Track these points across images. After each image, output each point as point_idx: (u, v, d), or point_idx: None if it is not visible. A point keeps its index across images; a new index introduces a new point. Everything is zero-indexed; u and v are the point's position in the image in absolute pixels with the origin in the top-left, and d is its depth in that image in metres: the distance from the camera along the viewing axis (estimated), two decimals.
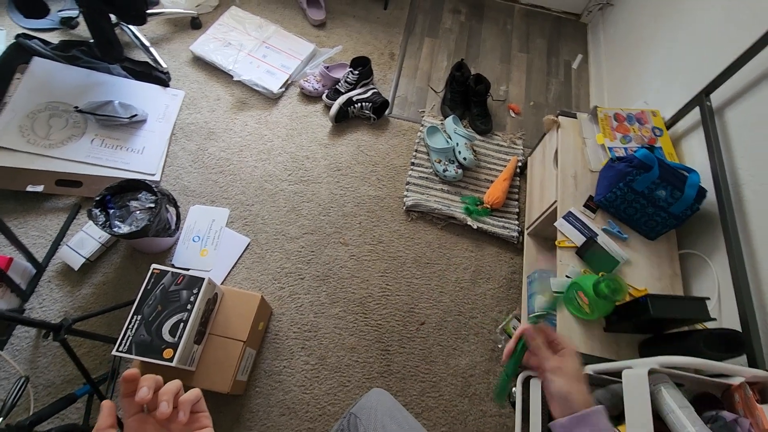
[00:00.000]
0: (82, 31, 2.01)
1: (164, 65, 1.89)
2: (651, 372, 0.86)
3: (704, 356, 0.94)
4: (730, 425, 0.80)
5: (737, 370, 0.86)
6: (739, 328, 1.00)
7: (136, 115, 1.68)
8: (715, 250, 1.22)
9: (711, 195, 1.21)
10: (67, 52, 1.75)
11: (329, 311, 1.55)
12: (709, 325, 1.07)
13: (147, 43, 1.91)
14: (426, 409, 1.45)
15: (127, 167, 1.62)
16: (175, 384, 0.43)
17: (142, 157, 1.66)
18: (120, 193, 1.40)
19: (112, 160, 1.61)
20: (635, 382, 0.88)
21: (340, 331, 1.53)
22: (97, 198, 1.33)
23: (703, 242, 1.27)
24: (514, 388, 1.43)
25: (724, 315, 1.13)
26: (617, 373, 0.96)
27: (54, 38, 1.88)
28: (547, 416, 1.35)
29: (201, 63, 2.00)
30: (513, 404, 1.43)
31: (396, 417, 0.82)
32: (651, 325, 1.09)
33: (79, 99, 1.65)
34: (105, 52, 1.76)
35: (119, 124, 1.66)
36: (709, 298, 1.06)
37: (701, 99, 1.31)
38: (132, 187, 1.40)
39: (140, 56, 1.92)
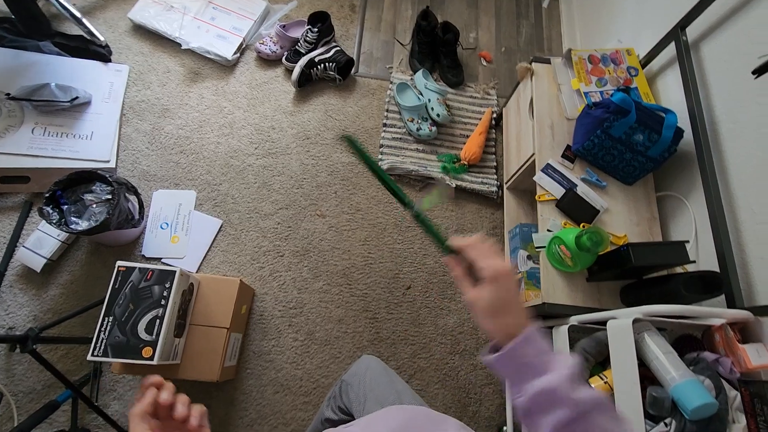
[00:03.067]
0: (1, 5, 1.78)
1: (101, 38, 1.70)
2: (635, 321, 0.87)
3: (684, 299, 0.96)
4: (712, 365, 0.83)
5: (717, 313, 0.87)
6: (717, 269, 1.02)
7: (77, 98, 1.53)
8: (693, 190, 1.22)
9: (688, 134, 1.19)
10: None
11: (313, 286, 1.53)
12: (689, 266, 1.08)
13: (78, 14, 1.70)
14: (418, 370, 1.48)
15: (77, 156, 1.49)
16: (186, 396, 0.49)
17: (91, 144, 1.53)
18: (72, 186, 1.29)
19: (58, 150, 1.48)
20: (620, 332, 0.89)
21: (326, 304, 1.51)
22: (47, 194, 1.23)
23: (680, 183, 1.27)
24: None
25: (702, 256, 1.15)
26: (602, 322, 0.98)
27: None
28: None
29: (143, 32, 1.81)
30: None
31: (383, 380, 0.83)
32: (632, 272, 1.10)
33: (10, 84, 1.48)
34: (30, 28, 1.57)
35: (60, 108, 1.51)
36: (687, 241, 1.07)
37: (677, 33, 1.26)
38: (84, 178, 1.30)
39: (72, 29, 1.72)
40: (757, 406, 0.79)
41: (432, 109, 1.77)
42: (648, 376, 0.88)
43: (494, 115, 1.86)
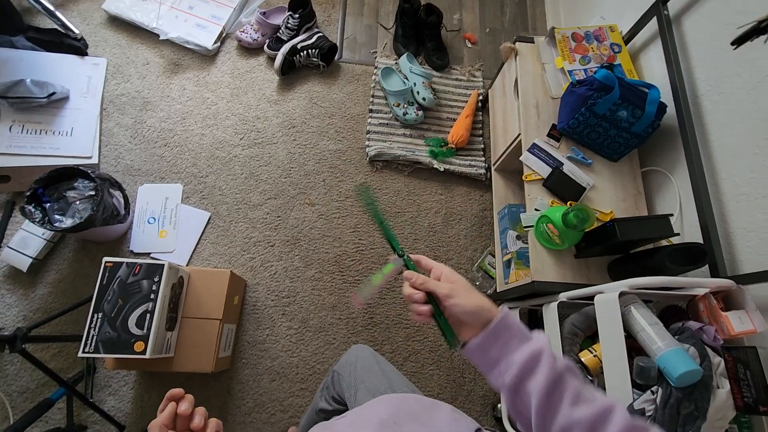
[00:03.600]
0: None
1: (76, 31, 1.66)
2: (621, 294, 0.88)
3: (669, 271, 0.97)
4: (696, 334, 0.84)
5: (700, 282, 0.89)
6: (700, 240, 1.04)
7: (54, 93, 1.49)
8: (677, 165, 1.23)
9: (671, 109, 1.20)
10: None
11: (305, 274, 1.53)
12: (674, 239, 1.10)
13: (50, 7, 1.64)
14: (413, 353, 1.50)
15: (58, 153, 1.47)
16: (204, 409, 0.52)
17: (72, 140, 1.50)
18: (53, 183, 1.27)
19: (38, 147, 1.45)
20: (607, 306, 0.90)
21: (319, 291, 1.52)
22: (28, 193, 1.21)
23: (665, 158, 1.28)
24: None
25: (686, 228, 1.17)
26: (590, 297, 0.99)
27: None
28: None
29: (119, 23, 1.77)
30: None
31: (374, 369, 0.84)
32: (619, 247, 1.11)
33: None
34: (1, 23, 1.52)
35: (37, 105, 1.48)
36: (672, 215, 1.09)
37: (658, 8, 1.26)
38: (65, 175, 1.27)
39: (46, 23, 1.67)
40: (740, 371, 0.82)
41: (418, 93, 1.76)
42: (635, 348, 0.89)
43: (480, 97, 1.85)
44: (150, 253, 1.46)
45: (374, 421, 0.56)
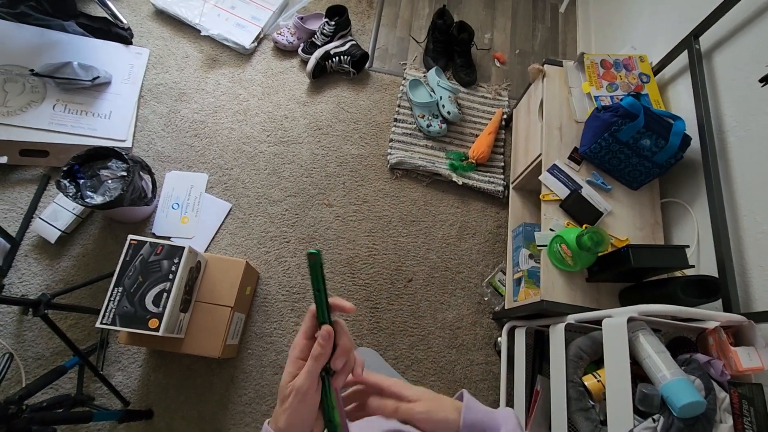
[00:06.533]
0: None
1: (124, 21, 1.75)
2: (630, 320, 0.88)
3: (681, 302, 0.97)
4: (704, 367, 0.84)
5: (712, 315, 0.88)
6: (715, 274, 1.03)
7: (98, 77, 1.57)
8: (697, 198, 1.22)
9: (695, 142, 1.20)
10: (15, 9, 1.60)
11: None
12: (688, 271, 1.09)
13: None
14: (415, 362, 1.50)
15: (95, 134, 1.54)
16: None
17: (109, 123, 1.57)
18: (89, 162, 1.33)
19: (78, 127, 1.53)
20: (615, 330, 0.90)
21: (329, 291, 1.53)
22: (65, 168, 1.27)
23: (685, 190, 1.28)
24: (499, 338, 1.47)
25: (703, 261, 1.16)
26: (598, 321, 0.99)
27: None
28: (531, 363, 1.41)
29: (164, 17, 1.86)
30: (499, 353, 1.49)
31: (382, 374, 0.83)
32: (631, 274, 1.11)
33: (34, 61, 1.53)
34: (56, 7, 1.62)
35: (81, 87, 1.56)
36: (688, 246, 1.08)
37: (690, 42, 1.27)
38: (101, 155, 1.34)
39: (97, 11, 1.77)
40: (744, 407, 0.81)
41: (443, 106, 1.79)
42: (640, 375, 0.89)
43: (505, 116, 1.88)
44: (170, 237, 1.51)
45: (381, 429, 0.55)
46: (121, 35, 1.73)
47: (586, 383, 0.99)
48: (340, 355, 0.44)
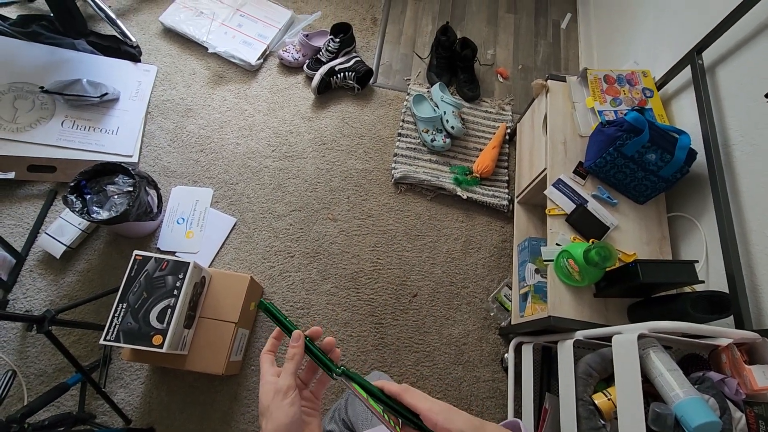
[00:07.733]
0: (41, 4, 1.87)
1: (133, 39, 1.79)
2: (640, 337, 0.87)
3: (692, 318, 0.95)
4: (718, 385, 0.82)
5: (724, 332, 0.87)
6: (726, 290, 1.01)
7: (107, 94, 1.59)
8: (704, 212, 1.21)
9: (701, 156, 1.19)
10: (27, 28, 1.64)
11: (321, 288, 1.55)
12: (698, 287, 1.08)
13: (113, 15, 1.79)
14: (421, 378, 1.48)
15: (102, 149, 1.55)
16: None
17: (117, 138, 1.59)
18: (96, 177, 1.34)
19: (85, 143, 1.54)
20: (625, 347, 0.89)
21: (333, 306, 1.53)
22: (72, 183, 1.28)
23: (692, 204, 1.27)
24: (506, 354, 1.45)
25: (712, 276, 1.14)
26: (607, 338, 0.98)
27: (11, 13, 1.76)
28: (539, 381, 1.39)
29: (172, 35, 1.89)
30: (506, 369, 1.47)
31: None
32: (640, 289, 1.09)
33: (45, 78, 1.56)
34: (67, 26, 1.65)
35: (90, 104, 1.58)
36: (697, 261, 1.07)
37: (692, 57, 1.28)
38: (108, 170, 1.35)
39: (106, 29, 1.81)
40: (761, 428, 0.78)
41: (447, 121, 1.80)
42: (651, 393, 0.87)
43: (508, 131, 1.88)
44: (175, 252, 1.51)
45: None
46: (130, 53, 1.76)
47: (596, 402, 0.97)
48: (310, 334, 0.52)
